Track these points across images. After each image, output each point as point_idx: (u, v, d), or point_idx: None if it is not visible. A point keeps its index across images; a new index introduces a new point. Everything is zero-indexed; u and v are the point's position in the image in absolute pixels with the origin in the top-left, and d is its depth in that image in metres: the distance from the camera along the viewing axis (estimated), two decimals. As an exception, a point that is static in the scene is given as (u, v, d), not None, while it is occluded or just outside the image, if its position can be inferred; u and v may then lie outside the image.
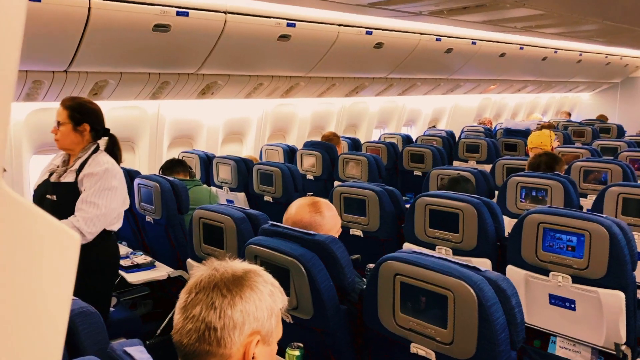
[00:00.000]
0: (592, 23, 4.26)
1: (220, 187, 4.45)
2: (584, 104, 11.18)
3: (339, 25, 4.59)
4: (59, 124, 2.37)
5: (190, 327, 0.99)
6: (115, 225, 2.45)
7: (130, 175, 3.65)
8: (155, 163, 4.82)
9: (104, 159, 2.39)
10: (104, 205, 2.31)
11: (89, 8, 3.19)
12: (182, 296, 1.04)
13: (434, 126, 8.48)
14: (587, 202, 3.37)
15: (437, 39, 5.56)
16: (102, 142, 2.52)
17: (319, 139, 5.60)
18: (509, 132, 6.75)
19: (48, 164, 2.53)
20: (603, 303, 2.03)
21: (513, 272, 2.28)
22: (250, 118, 5.81)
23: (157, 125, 4.93)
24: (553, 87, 9.68)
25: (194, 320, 0.99)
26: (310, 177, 4.90)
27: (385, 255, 1.66)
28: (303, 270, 1.73)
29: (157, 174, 3.56)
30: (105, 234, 2.39)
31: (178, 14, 3.60)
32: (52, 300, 0.47)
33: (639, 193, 2.70)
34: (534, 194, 3.03)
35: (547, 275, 2.16)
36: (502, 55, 6.61)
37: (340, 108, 6.82)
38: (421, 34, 5.35)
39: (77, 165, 2.37)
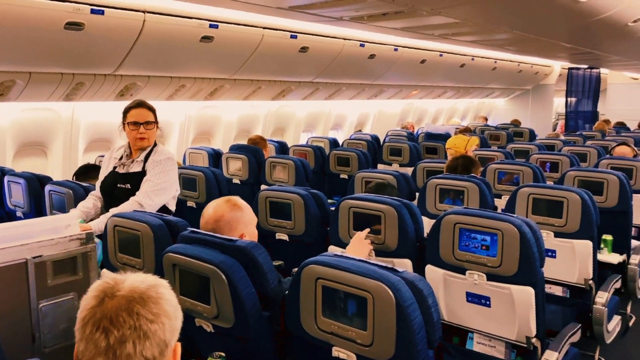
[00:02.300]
0: (503, 32, 4.51)
1: (141, 193, 4.27)
2: (499, 109, 11.81)
3: (264, 28, 4.56)
4: (147, 124, 2.72)
5: None
6: (171, 204, 2.84)
7: (41, 182, 3.43)
8: (69, 168, 4.57)
9: (165, 150, 2.84)
10: (159, 182, 2.69)
11: (-8, 2, 2.97)
12: (87, 329, 0.93)
13: (359, 130, 8.64)
14: (501, 203, 3.55)
15: (360, 45, 5.66)
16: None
17: (245, 142, 5.54)
18: (429, 136, 7.00)
19: (107, 157, 2.89)
20: (515, 299, 2.13)
21: (432, 272, 2.34)
22: (173, 121, 5.64)
23: (72, 128, 4.68)
24: (471, 93, 10.15)
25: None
26: (236, 181, 4.82)
27: (307, 259, 1.65)
28: (223, 277, 1.69)
29: (71, 179, 3.37)
30: (166, 211, 2.77)
31: (92, 12, 3.44)
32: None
33: (547, 193, 2.87)
34: (451, 195, 3.15)
35: (464, 274, 2.24)
36: (423, 61, 6.85)
37: (267, 111, 6.79)
38: (345, 39, 5.44)
39: (142, 157, 2.76)
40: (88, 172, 3.48)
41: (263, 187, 4.37)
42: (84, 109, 4.72)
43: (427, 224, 2.81)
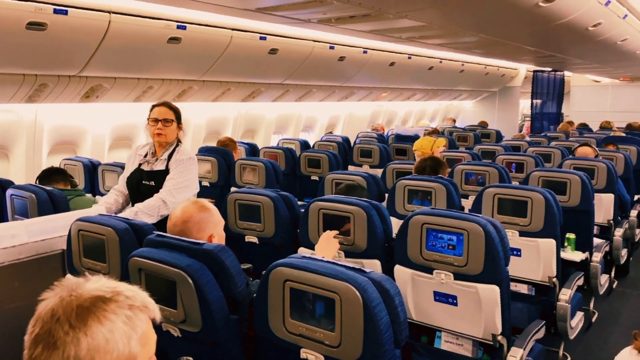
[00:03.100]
0: (469, 35, 4.59)
1: (108, 197, 4.19)
2: (467, 111, 12.01)
3: (232, 29, 4.54)
4: (166, 121, 2.87)
5: None
6: None
7: (2, 186, 3.33)
8: (32, 172, 4.45)
9: (187, 150, 3.00)
10: (182, 180, 2.86)
11: (-52, 0, 2.88)
12: (29, 329, 0.90)
13: (330, 132, 8.67)
14: (468, 203, 3.61)
15: (330, 47, 5.68)
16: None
17: (214, 144, 5.49)
18: (399, 137, 7.07)
19: (132, 155, 3.03)
20: (481, 297, 2.17)
21: (400, 272, 2.37)
22: (140, 123, 5.55)
23: (35, 130, 4.55)
24: (439, 95, 10.29)
25: None
26: (205, 183, 4.78)
27: (275, 262, 1.65)
28: (190, 281, 1.67)
29: (34, 183, 3.28)
30: None
31: (55, 11, 3.36)
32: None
33: (512, 193, 2.93)
34: (420, 196, 3.18)
35: (431, 273, 2.27)
36: (392, 64, 6.91)
37: (237, 113, 6.75)
38: (315, 41, 5.45)
39: (165, 156, 2.93)
40: (52, 175, 3.40)
41: (233, 189, 4.35)
42: (48, 111, 4.60)
43: (397, 224, 2.83)
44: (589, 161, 4.23)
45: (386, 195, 3.48)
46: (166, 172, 2.89)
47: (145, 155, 2.97)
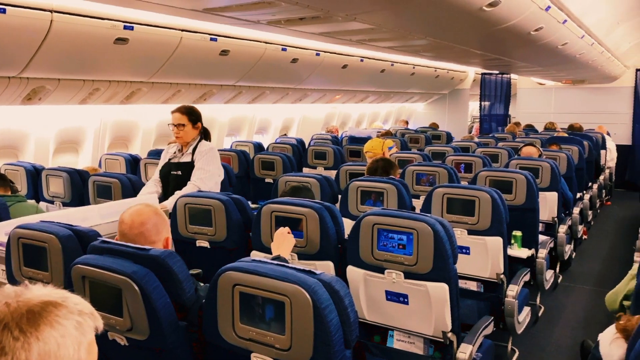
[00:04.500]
0: (418, 39, 4.67)
1: (52, 202, 4.04)
2: (419, 113, 12.24)
3: (182, 30, 4.45)
4: (180, 125, 3.45)
5: None
6: (217, 189, 3.53)
7: None
8: (-30, 178, 4.22)
9: (208, 143, 3.60)
10: (209, 169, 3.45)
11: None
12: None
13: (285, 134, 8.65)
14: (419, 203, 3.66)
15: (282, 49, 5.67)
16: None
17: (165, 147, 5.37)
18: (353, 139, 7.13)
19: (164, 152, 3.71)
20: (431, 295, 2.21)
21: (353, 272, 2.38)
22: (87, 126, 5.38)
23: (-28, 134, 4.34)
24: (392, 98, 10.44)
25: None
26: (155, 188, 4.66)
27: (224, 266, 1.63)
28: (136, 288, 1.62)
29: (-30, 190, 3.12)
30: None
31: (-8, 10, 3.20)
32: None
33: (460, 193, 3.00)
34: (372, 197, 3.21)
35: (383, 273, 2.29)
36: (345, 66, 6.96)
37: (189, 116, 6.62)
38: (267, 42, 5.42)
39: (190, 150, 3.52)
40: (-9, 181, 3.24)
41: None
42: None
43: (350, 225, 2.85)
44: (534, 161, 4.38)
45: (339, 196, 3.49)
46: (191, 163, 3.47)
47: (175, 152, 3.60)
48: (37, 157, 4.90)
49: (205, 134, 3.66)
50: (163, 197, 3.48)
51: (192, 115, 3.50)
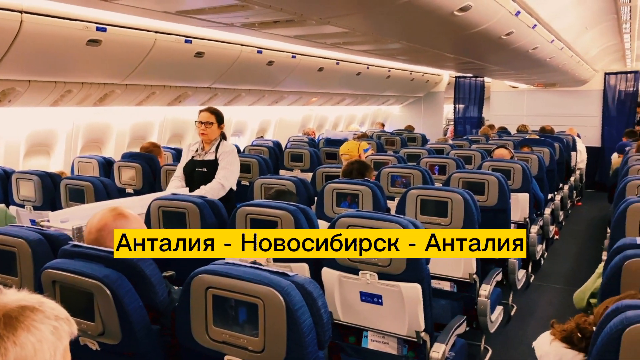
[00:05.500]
0: (392, 42, 4.72)
1: (22, 206, 3.96)
2: (395, 116, 12.34)
3: (156, 32, 4.42)
4: (208, 123, 3.79)
5: None
6: (234, 185, 3.84)
7: None
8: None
9: (229, 144, 3.92)
10: (232, 169, 3.79)
11: None
12: None
13: (261, 136, 8.63)
14: (394, 205, 3.70)
15: (258, 52, 5.66)
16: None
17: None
18: (329, 142, 7.16)
19: (186, 151, 3.97)
20: (404, 295, 2.24)
21: (328, 274, 2.40)
22: (59, 128, 5.29)
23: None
24: (368, 100, 10.51)
25: None
26: (130, 190, 4.62)
27: (197, 269, 1.62)
28: (108, 292, 1.61)
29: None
30: (230, 189, 3.80)
31: (-41, 10, 3.14)
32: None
33: (433, 194, 3.04)
34: (348, 199, 3.24)
35: (357, 274, 2.31)
36: (321, 69, 6.98)
37: (164, 118, 6.57)
38: (242, 45, 5.41)
39: (213, 149, 3.83)
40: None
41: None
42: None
43: (325, 227, 2.87)
44: (506, 163, 4.46)
45: (315, 198, 3.51)
46: (215, 161, 3.77)
47: (197, 150, 3.87)
48: (7, 160, 4.80)
49: (223, 136, 3.95)
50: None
51: (219, 116, 3.86)
